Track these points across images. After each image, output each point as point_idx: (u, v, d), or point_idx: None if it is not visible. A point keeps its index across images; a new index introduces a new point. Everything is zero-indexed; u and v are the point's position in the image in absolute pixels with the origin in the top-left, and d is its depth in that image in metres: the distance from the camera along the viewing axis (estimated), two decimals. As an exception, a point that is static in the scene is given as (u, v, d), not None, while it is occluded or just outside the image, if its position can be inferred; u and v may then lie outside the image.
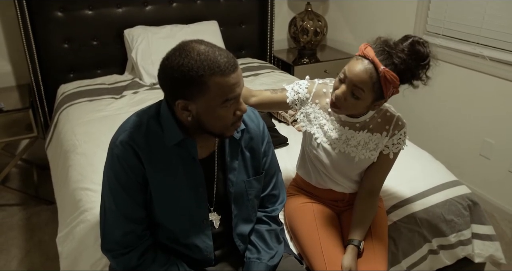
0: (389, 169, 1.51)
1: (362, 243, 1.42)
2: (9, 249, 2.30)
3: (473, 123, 2.65)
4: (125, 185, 1.16)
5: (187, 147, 1.17)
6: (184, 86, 1.05)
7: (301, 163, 1.64)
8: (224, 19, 3.16)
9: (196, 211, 1.23)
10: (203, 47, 1.04)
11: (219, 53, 1.04)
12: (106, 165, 1.20)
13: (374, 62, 1.28)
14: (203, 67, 1.02)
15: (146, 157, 1.15)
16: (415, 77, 1.32)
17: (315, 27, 3.41)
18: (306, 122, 1.53)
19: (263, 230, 1.36)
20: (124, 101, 2.54)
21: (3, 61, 2.81)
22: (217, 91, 1.04)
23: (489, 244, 1.78)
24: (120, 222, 1.18)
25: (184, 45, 1.06)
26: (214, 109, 1.08)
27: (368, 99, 1.32)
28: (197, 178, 1.21)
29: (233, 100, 1.08)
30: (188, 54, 1.02)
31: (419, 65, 1.30)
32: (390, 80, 1.27)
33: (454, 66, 2.67)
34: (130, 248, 1.19)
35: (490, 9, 2.40)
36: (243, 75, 1.16)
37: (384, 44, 1.31)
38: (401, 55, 1.28)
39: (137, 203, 1.18)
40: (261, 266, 1.28)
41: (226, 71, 1.03)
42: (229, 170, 1.26)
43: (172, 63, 1.04)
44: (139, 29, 2.85)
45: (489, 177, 2.63)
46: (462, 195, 1.78)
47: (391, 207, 1.68)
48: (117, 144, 1.15)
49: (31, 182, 2.90)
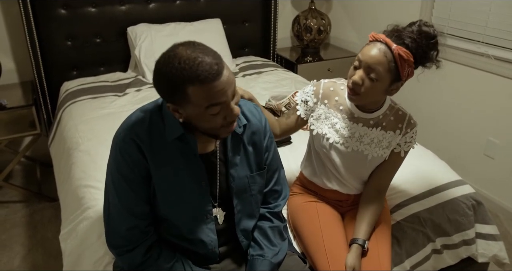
0: (398, 168, 1.51)
1: (367, 242, 1.41)
2: (12, 246, 2.31)
3: (478, 122, 2.63)
4: (128, 179, 1.17)
5: (188, 142, 1.18)
6: (168, 93, 1.07)
7: (306, 163, 1.63)
8: (227, 17, 3.15)
9: (199, 206, 1.24)
10: (186, 53, 1.02)
11: (201, 61, 1.01)
12: (110, 160, 1.21)
13: (386, 43, 1.29)
14: (182, 76, 1.01)
15: (149, 151, 1.16)
16: (427, 57, 1.33)
17: (319, 26, 3.40)
18: (317, 124, 1.52)
19: (266, 227, 1.36)
20: (127, 98, 2.54)
21: (6, 59, 2.81)
22: (197, 100, 1.04)
23: (493, 244, 1.77)
24: (123, 217, 1.19)
25: (170, 50, 1.06)
26: (201, 114, 1.08)
27: (385, 80, 1.31)
28: (198, 173, 1.22)
29: (218, 106, 1.07)
30: (170, 62, 1.03)
31: (429, 44, 1.31)
32: (405, 58, 1.28)
33: (459, 65, 2.65)
34: (135, 244, 1.20)
35: (495, 8, 2.38)
36: (247, 73, 1.16)
37: (393, 29, 1.33)
38: (411, 35, 1.29)
39: (140, 198, 1.19)
40: (264, 263, 1.28)
41: (205, 80, 1.01)
42: (231, 165, 1.27)
43: (159, 69, 1.05)
44: (142, 26, 2.85)
45: (493, 177, 2.61)
46: (466, 195, 1.77)
47: (394, 207, 1.67)
48: (120, 139, 1.17)
49: (34, 179, 2.91)
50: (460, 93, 2.71)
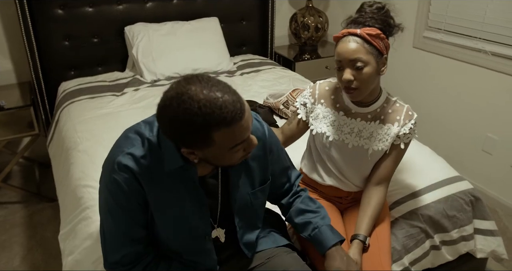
0: (399, 161, 1.51)
1: (368, 238, 1.42)
2: (11, 247, 2.31)
3: (476, 118, 2.64)
4: (125, 208, 1.11)
5: (187, 170, 1.11)
6: (186, 140, 0.96)
7: (307, 161, 1.63)
8: (225, 16, 3.15)
9: (199, 230, 1.20)
10: (204, 95, 0.90)
11: (223, 101, 0.91)
12: (103, 186, 1.13)
13: (349, 33, 1.33)
14: (206, 122, 0.90)
15: (146, 180, 1.08)
16: (390, 25, 1.38)
17: (316, 23, 3.40)
18: (316, 124, 1.52)
19: (300, 206, 1.37)
20: (125, 98, 2.54)
21: (4, 59, 2.81)
22: (224, 142, 0.96)
23: (491, 239, 1.78)
24: (120, 242, 1.15)
25: (182, 92, 0.91)
26: (223, 154, 1.01)
27: (371, 62, 1.32)
28: (198, 199, 1.16)
29: (242, 144, 1.01)
30: (187, 107, 0.90)
31: (384, 14, 1.37)
32: (374, 35, 1.31)
33: (456, 61, 2.66)
34: (133, 264, 1.17)
35: (492, 4, 2.38)
36: (244, 71, 1.14)
37: (347, 21, 1.40)
38: (365, 16, 1.35)
39: (137, 224, 1.14)
40: (324, 229, 1.32)
41: (232, 122, 0.92)
42: (233, 187, 1.21)
43: (169, 114, 0.93)
44: (139, 26, 2.84)
45: (491, 173, 2.62)
46: (464, 191, 1.77)
47: (393, 203, 1.68)
48: (115, 168, 1.07)
49: (33, 179, 2.91)
50: (457, 90, 2.71)
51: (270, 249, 1.35)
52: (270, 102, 2.40)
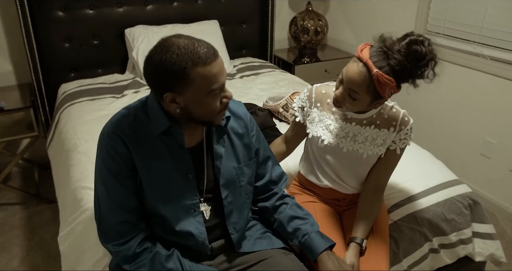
0: (395, 165, 1.52)
1: (365, 241, 1.42)
2: (10, 248, 2.31)
3: (474, 122, 2.65)
4: (115, 173, 1.19)
5: (174, 135, 1.21)
6: (169, 81, 1.09)
7: (304, 164, 1.64)
8: (224, 19, 3.16)
9: (186, 198, 1.26)
10: (182, 40, 1.09)
11: (198, 45, 1.08)
12: (97, 157, 1.24)
13: (367, 65, 1.26)
14: (185, 60, 1.06)
15: (133, 145, 1.19)
16: (414, 77, 1.29)
17: (316, 27, 3.41)
18: (312, 127, 1.53)
19: (288, 212, 1.40)
20: (125, 100, 2.54)
21: (4, 61, 2.81)
22: (201, 82, 1.09)
23: (489, 242, 1.79)
24: (114, 211, 1.21)
25: (164, 41, 1.10)
26: (201, 99, 1.12)
27: (365, 100, 1.33)
28: (185, 166, 1.24)
29: (219, 90, 1.12)
30: (169, 49, 1.07)
31: (416, 66, 1.26)
32: (383, 83, 1.26)
33: (455, 65, 2.67)
34: (128, 238, 1.21)
35: (491, 9, 2.40)
36: (244, 74, 1.20)
37: (383, 43, 1.28)
38: (397, 56, 1.24)
39: (128, 190, 1.21)
40: (314, 236, 1.35)
41: (207, 60, 1.07)
42: (216, 156, 1.29)
43: (155, 60, 1.08)
44: (140, 28, 2.85)
45: (489, 176, 2.63)
46: (462, 194, 1.78)
47: (392, 206, 1.68)
48: (105, 134, 1.20)
49: (32, 181, 2.91)
50: (456, 94, 2.72)
51: (265, 251, 1.36)
52: (270, 105, 2.40)
